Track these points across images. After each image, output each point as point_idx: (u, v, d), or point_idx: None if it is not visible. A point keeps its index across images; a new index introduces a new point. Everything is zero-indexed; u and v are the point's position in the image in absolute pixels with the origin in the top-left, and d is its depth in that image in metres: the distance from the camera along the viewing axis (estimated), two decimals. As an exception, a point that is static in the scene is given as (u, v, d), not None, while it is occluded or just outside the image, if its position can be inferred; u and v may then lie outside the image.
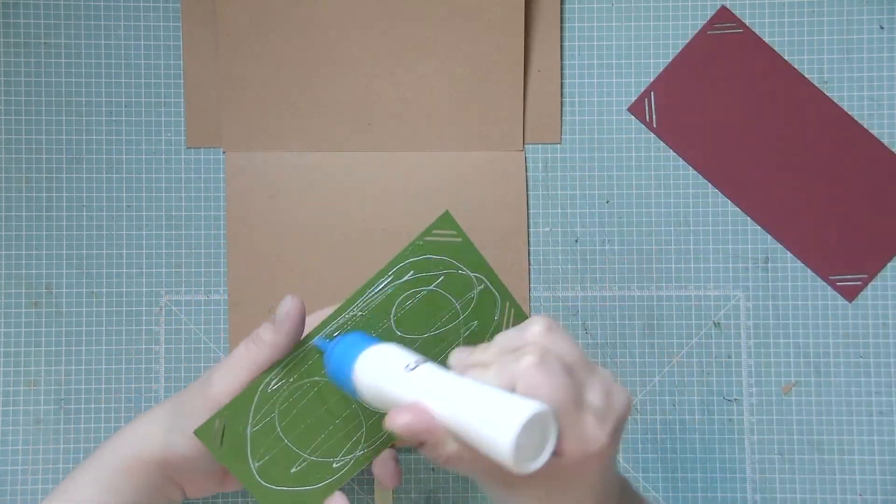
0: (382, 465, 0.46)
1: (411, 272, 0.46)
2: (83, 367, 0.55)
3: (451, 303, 0.46)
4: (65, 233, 0.55)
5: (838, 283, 0.56)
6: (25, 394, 0.55)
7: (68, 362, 0.55)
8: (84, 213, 0.55)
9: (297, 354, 0.44)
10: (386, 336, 0.45)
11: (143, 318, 0.55)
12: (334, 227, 0.55)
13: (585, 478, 0.38)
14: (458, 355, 0.40)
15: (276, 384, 0.44)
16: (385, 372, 0.39)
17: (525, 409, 0.34)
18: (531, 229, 0.56)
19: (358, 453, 0.46)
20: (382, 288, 0.45)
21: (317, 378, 0.45)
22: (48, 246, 0.55)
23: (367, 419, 0.46)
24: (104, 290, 0.55)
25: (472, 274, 0.46)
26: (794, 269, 0.56)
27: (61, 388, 0.55)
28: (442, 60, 0.55)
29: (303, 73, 0.55)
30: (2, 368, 0.55)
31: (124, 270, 0.55)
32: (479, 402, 0.35)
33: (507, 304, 0.47)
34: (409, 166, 0.56)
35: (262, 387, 0.44)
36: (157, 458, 0.45)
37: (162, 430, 0.46)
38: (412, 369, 0.38)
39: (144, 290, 0.55)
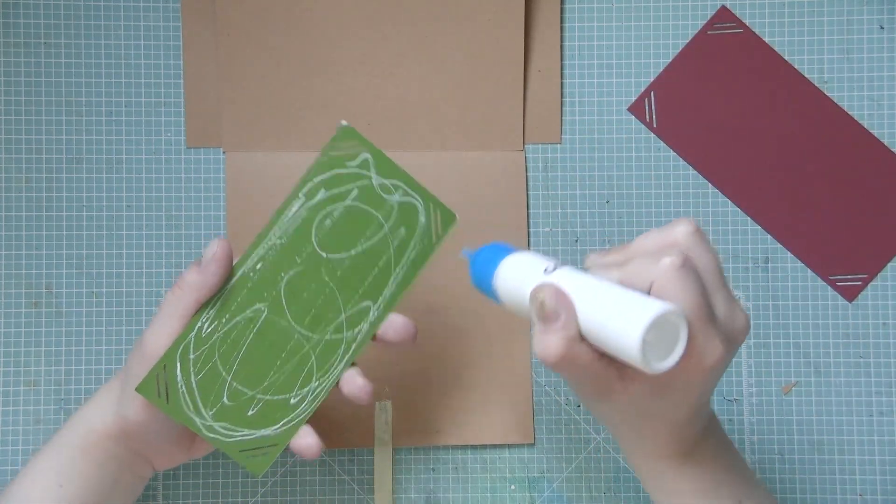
0: (351, 383, 0.45)
1: (322, 190, 0.45)
2: (83, 367, 0.55)
3: (371, 215, 0.45)
4: (65, 233, 0.55)
5: (838, 283, 0.56)
6: (25, 394, 0.55)
7: (68, 362, 0.55)
8: (84, 213, 0.55)
9: (224, 291, 0.44)
10: (312, 260, 0.45)
11: (143, 318, 0.55)
12: (334, 227, 0.55)
13: (689, 387, 0.38)
14: (592, 257, 0.41)
15: (209, 327, 0.44)
16: (525, 275, 0.40)
17: (658, 306, 0.34)
18: (531, 229, 0.56)
19: (314, 384, 0.45)
20: (296, 212, 0.44)
21: (250, 313, 0.44)
22: (48, 246, 0.55)
23: (315, 347, 0.45)
24: (104, 290, 0.55)
25: (387, 181, 0.45)
26: (794, 269, 0.56)
27: (61, 388, 0.55)
28: (442, 60, 0.55)
29: (303, 73, 0.55)
30: (2, 368, 0.55)
31: (124, 270, 0.55)
32: (612, 298, 0.36)
33: (431, 204, 0.46)
34: (409, 166, 0.56)
35: (194, 332, 0.43)
36: (114, 430, 0.45)
37: (113, 401, 0.45)
38: (550, 272, 0.39)
39: (144, 290, 0.55)
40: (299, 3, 0.55)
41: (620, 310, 0.35)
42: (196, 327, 0.43)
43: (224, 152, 0.56)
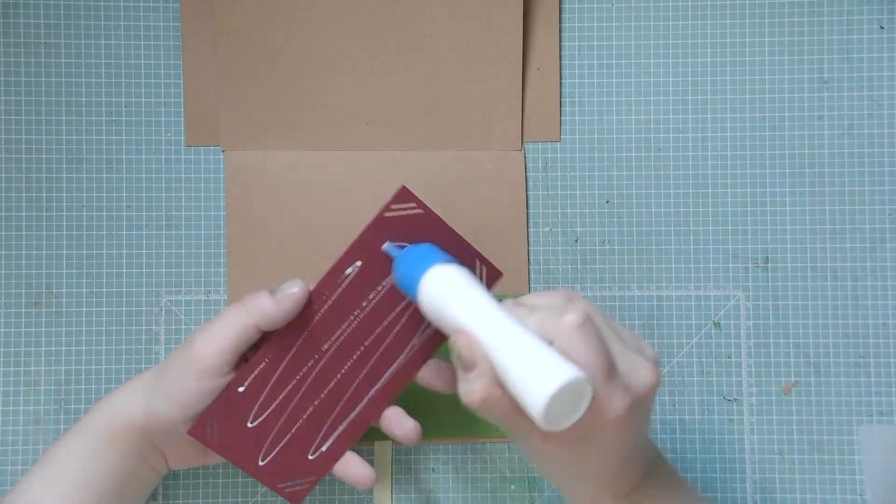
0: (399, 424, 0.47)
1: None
2: (83, 367, 0.55)
3: None
4: (65, 233, 0.55)
5: None
6: (25, 394, 0.55)
7: (68, 362, 0.55)
8: (84, 213, 0.55)
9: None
10: None
11: (143, 318, 0.55)
12: (334, 226, 0.55)
13: (603, 443, 0.38)
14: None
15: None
16: (448, 294, 0.40)
17: (564, 373, 0.34)
18: (531, 229, 0.56)
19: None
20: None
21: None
22: (48, 246, 0.55)
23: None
24: (104, 290, 0.55)
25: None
26: (794, 269, 0.56)
27: (61, 388, 0.55)
28: (441, 60, 0.55)
29: (301, 73, 0.55)
30: (2, 368, 0.55)
31: (124, 270, 0.55)
32: (524, 354, 0.36)
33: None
34: (409, 166, 0.56)
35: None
36: (141, 423, 0.46)
37: (145, 395, 0.46)
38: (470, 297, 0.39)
39: (144, 290, 0.55)
40: (298, 3, 0.55)
41: (530, 370, 0.35)
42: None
43: (223, 151, 0.56)
